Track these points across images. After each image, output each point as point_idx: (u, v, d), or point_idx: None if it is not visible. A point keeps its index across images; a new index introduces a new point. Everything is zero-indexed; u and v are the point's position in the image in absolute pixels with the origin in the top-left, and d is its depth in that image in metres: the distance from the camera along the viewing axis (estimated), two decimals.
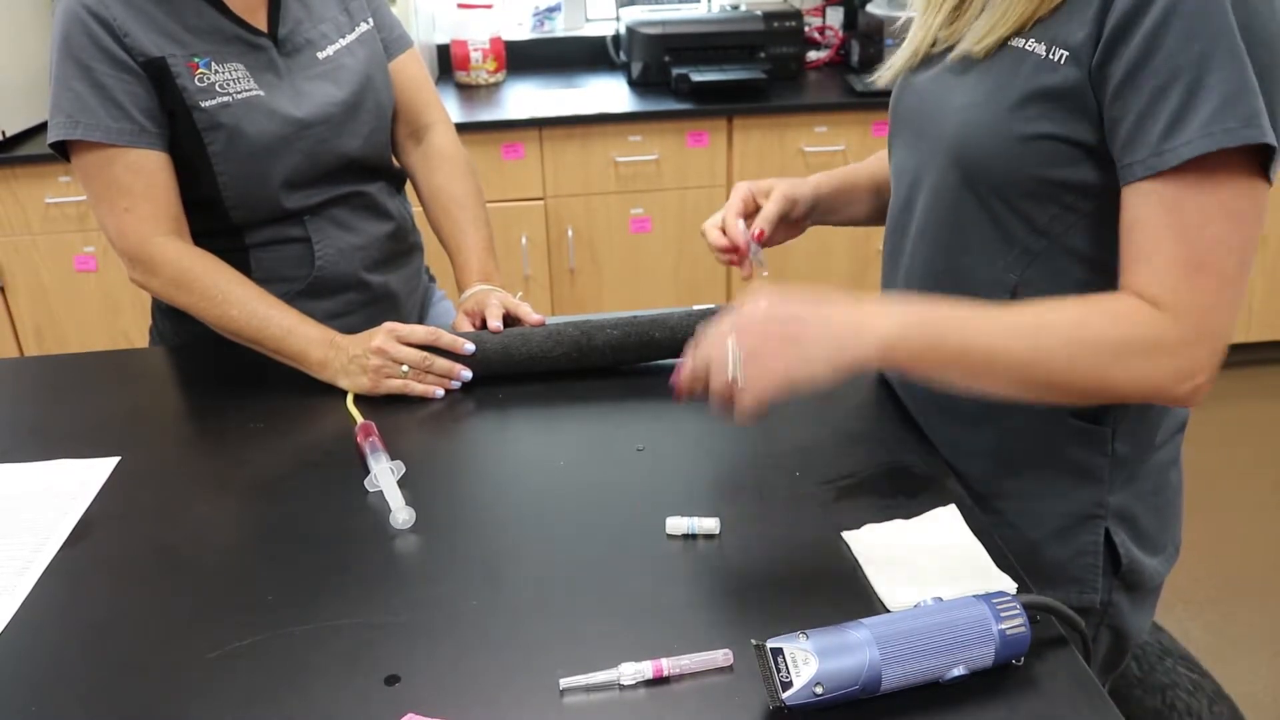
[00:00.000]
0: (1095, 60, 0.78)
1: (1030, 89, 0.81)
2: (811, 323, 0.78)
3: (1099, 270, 0.85)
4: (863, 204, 1.15)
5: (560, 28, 3.02)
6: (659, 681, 0.73)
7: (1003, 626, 0.70)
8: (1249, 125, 0.72)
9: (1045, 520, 0.96)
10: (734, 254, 1.08)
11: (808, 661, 0.67)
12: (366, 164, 1.32)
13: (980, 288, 0.91)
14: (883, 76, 1.01)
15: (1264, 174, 0.75)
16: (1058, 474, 0.94)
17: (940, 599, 0.73)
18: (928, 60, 0.95)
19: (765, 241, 1.08)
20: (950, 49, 0.91)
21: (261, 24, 1.22)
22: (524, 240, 2.62)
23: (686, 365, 0.81)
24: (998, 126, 0.84)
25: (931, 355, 0.78)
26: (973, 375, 0.79)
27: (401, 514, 0.92)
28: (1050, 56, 0.80)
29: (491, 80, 2.82)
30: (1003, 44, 0.85)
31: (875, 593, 0.80)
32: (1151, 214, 0.77)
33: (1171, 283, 0.76)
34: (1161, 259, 0.76)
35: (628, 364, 1.19)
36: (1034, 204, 0.85)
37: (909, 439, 1.02)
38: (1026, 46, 0.82)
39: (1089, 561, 0.95)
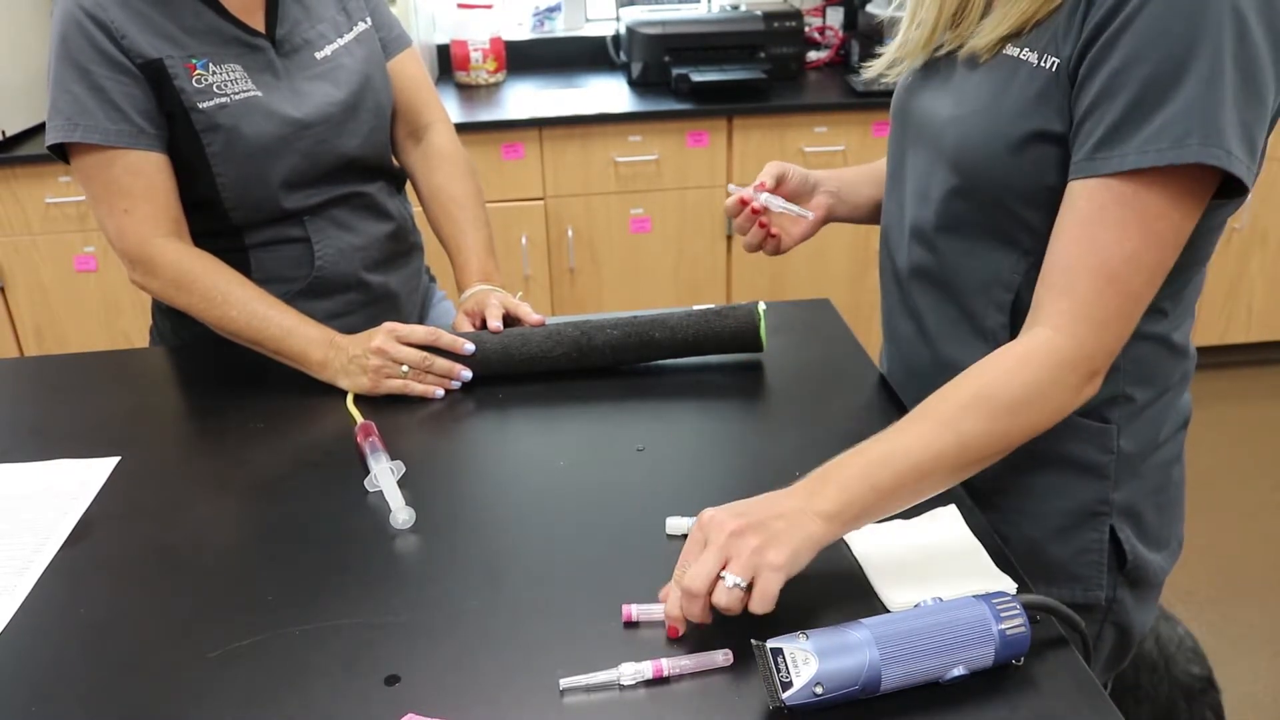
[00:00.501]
0: (1072, 64, 0.80)
1: (1025, 95, 0.83)
2: (768, 519, 0.75)
3: None
4: (872, 188, 1.15)
5: (560, 28, 3.02)
6: (659, 682, 0.73)
7: (1003, 626, 0.70)
8: (1180, 145, 0.74)
9: (1049, 518, 0.96)
10: (744, 211, 1.10)
11: (808, 661, 0.67)
12: (366, 164, 1.32)
13: (982, 290, 0.91)
14: (872, 71, 1.02)
15: (1198, 193, 0.77)
16: (1062, 471, 0.94)
17: (940, 599, 0.73)
18: (930, 66, 0.95)
19: (783, 239, 1.13)
20: (952, 53, 0.92)
21: (259, 25, 1.22)
22: (524, 240, 2.62)
23: (673, 609, 0.76)
24: (994, 135, 0.84)
25: (876, 501, 0.77)
26: (919, 492, 0.79)
27: (401, 514, 0.92)
28: (1042, 64, 0.82)
29: (491, 80, 2.82)
30: (1000, 52, 0.86)
31: (875, 593, 0.80)
32: (1078, 216, 0.79)
33: (1081, 296, 0.78)
34: (1078, 264, 0.79)
35: (627, 364, 1.19)
36: (1032, 208, 0.86)
37: None
38: (1021, 55, 0.84)
39: (1094, 559, 0.95)
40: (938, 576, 0.81)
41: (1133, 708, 1.29)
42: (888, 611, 0.78)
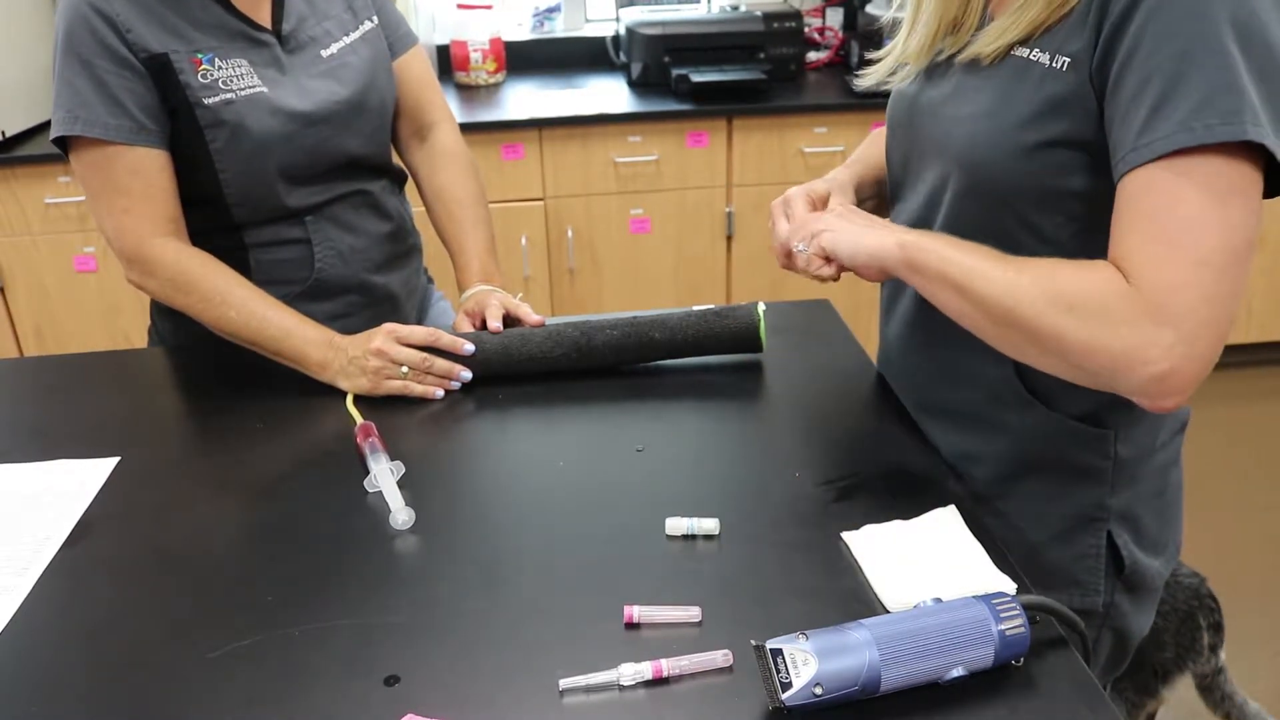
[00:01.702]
0: (1094, 64, 0.78)
1: (1037, 98, 0.82)
2: (849, 212, 0.96)
3: None
4: (869, 188, 1.14)
5: (560, 28, 3.02)
6: (659, 682, 0.73)
7: (1002, 627, 0.70)
8: (1227, 122, 0.71)
9: (1047, 522, 0.96)
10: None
11: (807, 662, 0.67)
12: (369, 163, 1.32)
13: None
14: (870, 79, 1.01)
15: (1256, 171, 0.74)
16: (1059, 476, 0.94)
17: (940, 600, 0.73)
18: (933, 68, 0.95)
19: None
20: (953, 56, 0.91)
21: (265, 20, 1.22)
22: (524, 241, 2.62)
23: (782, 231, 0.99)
24: (1005, 137, 0.84)
25: (935, 262, 0.85)
26: (956, 291, 0.83)
27: (401, 514, 0.91)
28: (1054, 65, 0.81)
29: (491, 81, 2.82)
30: (1008, 54, 0.85)
31: (875, 593, 0.80)
32: (1132, 197, 0.76)
33: (1143, 259, 0.74)
34: (1137, 235, 0.75)
35: (627, 364, 1.19)
36: (1040, 213, 0.86)
37: (909, 440, 1.02)
38: (1031, 56, 0.83)
39: (1091, 564, 0.95)
40: (937, 577, 0.81)
41: (1160, 623, 1.39)
42: (887, 612, 0.78)
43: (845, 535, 0.87)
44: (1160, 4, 0.73)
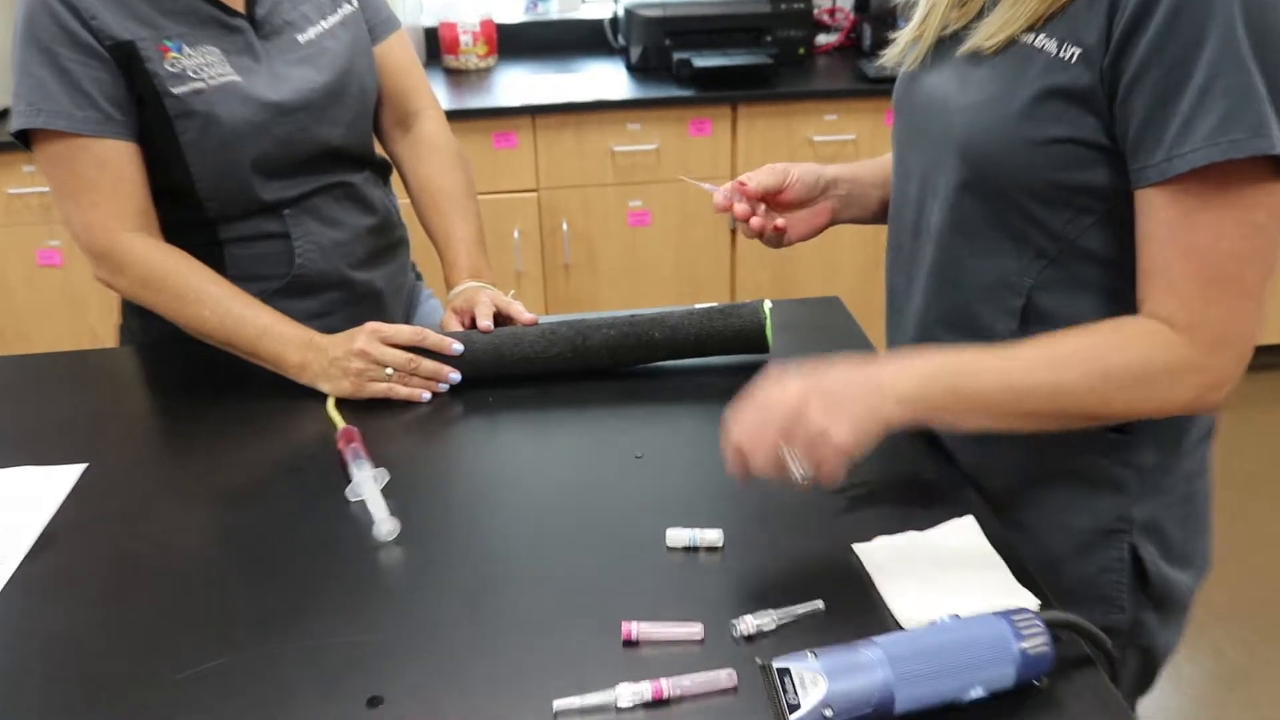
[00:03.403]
0: (1106, 60, 0.79)
1: (1041, 89, 0.82)
2: (840, 389, 0.79)
3: (1117, 273, 0.85)
4: (882, 190, 1.14)
5: (555, 10, 3.02)
6: (659, 704, 0.73)
7: (1024, 645, 0.70)
8: (1257, 135, 0.73)
9: (1067, 534, 0.95)
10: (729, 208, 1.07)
11: (816, 682, 0.67)
12: (349, 153, 1.32)
13: (993, 292, 0.91)
14: (890, 57, 1.01)
15: (1277, 181, 0.76)
16: (1079, 485, 0.94)
17: (957, 616, 0.73)
18: (937, 50, 0.95)
19: (787, 234, 1.09)
20: (958, 39, 0.91)
21: (239, 4, 1.22)
22: (516, 234, 2.62)
23: (733, 457, 0.82)
24: (1006, 128, 0.84)
25: (953, 404, 0.81)
26: (997, 418, 0.82)
27: (385, 525, 0.91)
28: (1061, 55, 0.81)
29: (482, 65, 2.82)
30: (1012, 40, 0.85)
31: (888, 609, 0.80)
32: (1163, 228, 0.78)
33: (1187, 301, 0.78)
34: (1176, 276, 0.78)
35: (626, 366, 1.19)
36: (1047, 208, 0.86)
37: (923, 447, 1.02)
38: (1036, 44, 0.83)
39: (1114, 578, 0.95)
40: (955, 591, 0.81)
41: None
42: (902, 629, 0.78)
43: (857, 547, 0.87)
44: (1179, 8, 0.74)
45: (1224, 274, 0.77)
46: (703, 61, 2.59)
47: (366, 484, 0.95)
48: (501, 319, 1.21)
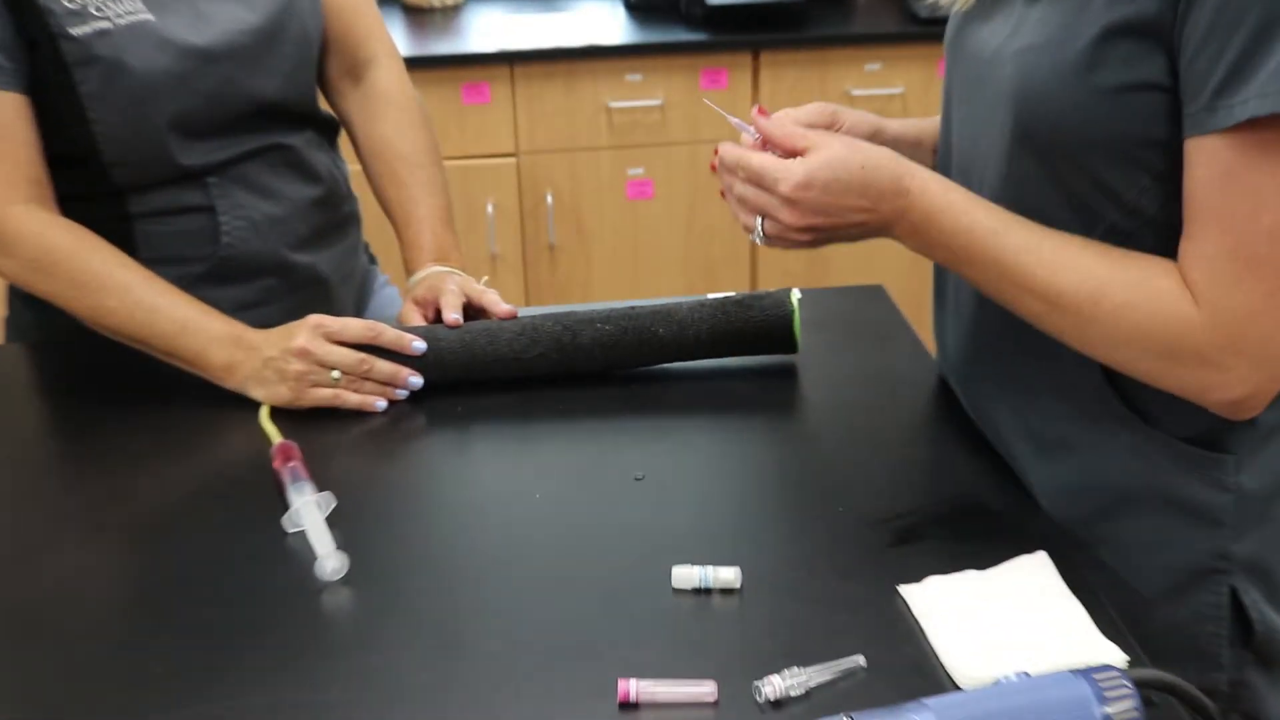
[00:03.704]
0: None
1: (1105, 25, 0.83)
2: (843, 226, 0.93)
3: None
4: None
5: None
6: None
7: (1109, 710, 0.70)
8: None
9: (1153, 575, 0.96)
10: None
11: None
12: (288, 109, 1.32)
13: None
14: None
15: None
16: (1167, 515, 0.94)
17: (1026, 674, 0.72)
18: None
19: None
20: None
21: None
22: (490, 208, 2.62)
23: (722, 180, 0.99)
24: (1065, 72, 0.85)
25: (950, 260, 0.92)
26: (984, 283, 0.91)
27: (330, 561, 0.91)
28: None
29: (449, 3, 2.83)
30: None
31: (942, 665, 0.80)
32: (1201, 188, 0.81)
33: (1214, 274, 0.81)
34: (1210, 245, 0.81)
35: (624, 368, 1.19)
36: (1118, 172, 0.86)
37: (983, 467, 1.02)
38: None
39: (1211, 628, 0.95)
40: (1023, 644, 0.81)
41: None
42: (959, 689, 0.78)
43: (903, 589, 0.87)
44: None
45: (1258, 256, 0.79)
46: None
47: (308, 511, 0.95)
48: (473, 311, 1.21)
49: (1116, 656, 0.80)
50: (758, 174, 0.93)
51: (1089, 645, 0.81)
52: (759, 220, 0.94)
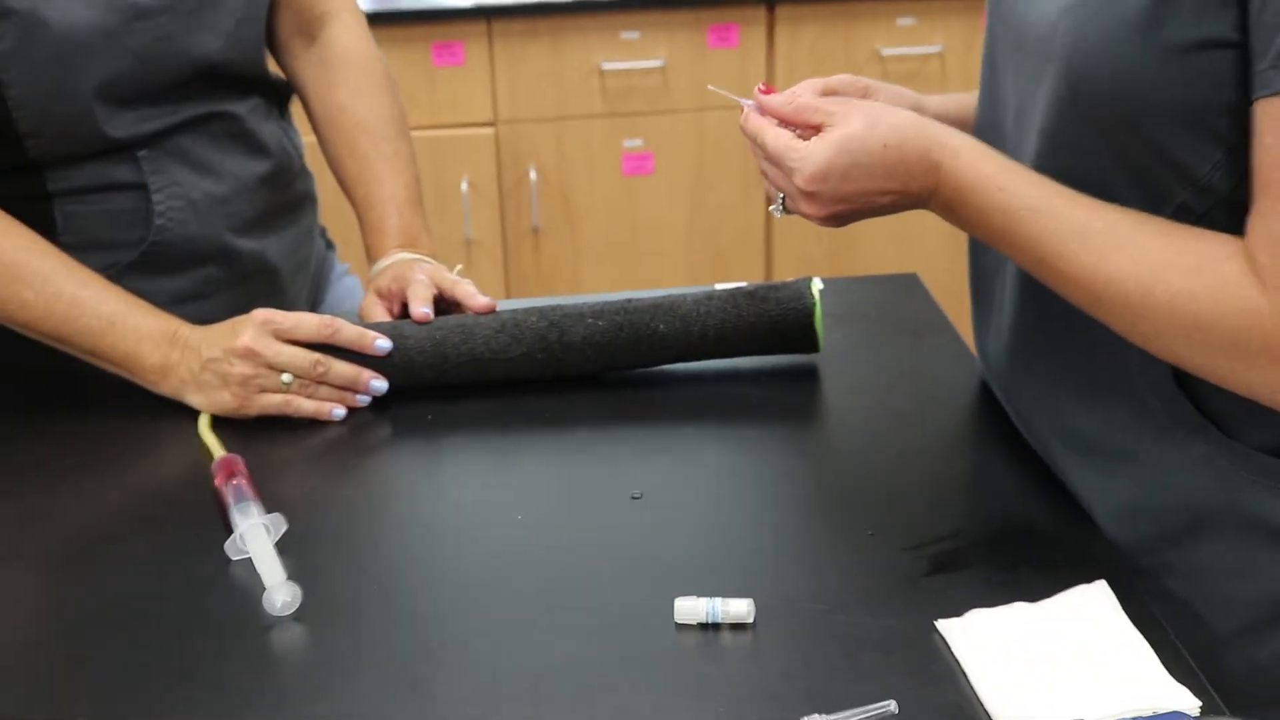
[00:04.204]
0: None
1: None
2: (869, 203, 0.94)
3: None
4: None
5: None
6: None
7: None
8: None
9: (1229, 608, 0.96)
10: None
11: None
12: (231, 72, 1.32)
13: None
14: None
15: None
16: (1246, 539, 0.94)
17: None
18: None
19: None
20: None
21: None
22: (465, 186, 2.62)
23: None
24: (1125, 29, 0.84)
25: (986, 235, 0.93)
26: (1026, 263, 0.92)
27: (280, 593, 0.91)
28: None
29: None
30: None
31: (986, 713, 0.80)
32: (1272, 153, 0.80)
33: (1275, 257, 0.80)
34: (1275, 220, 0.80)
35: (619, 370, 1.19)
36: (1186, 144, 0.86)
37: (1033, 483, 1.02)
38: None
39: None
40: (1081, 688, 0.81)
41: None
42: None
43: (942, 625, 0.87)
44: None
45: None
46: None
47: (254, 536, 0.95)
48: (445, 305, 1.21)
49: (1188, 702, 0.79)
50: (773, 156, 0.95)
51: (1156, 689, 0.81)
52: (780, 195, 0.98)
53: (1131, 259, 0.86)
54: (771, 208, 0.99)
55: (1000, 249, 0.94)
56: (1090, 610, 0.88)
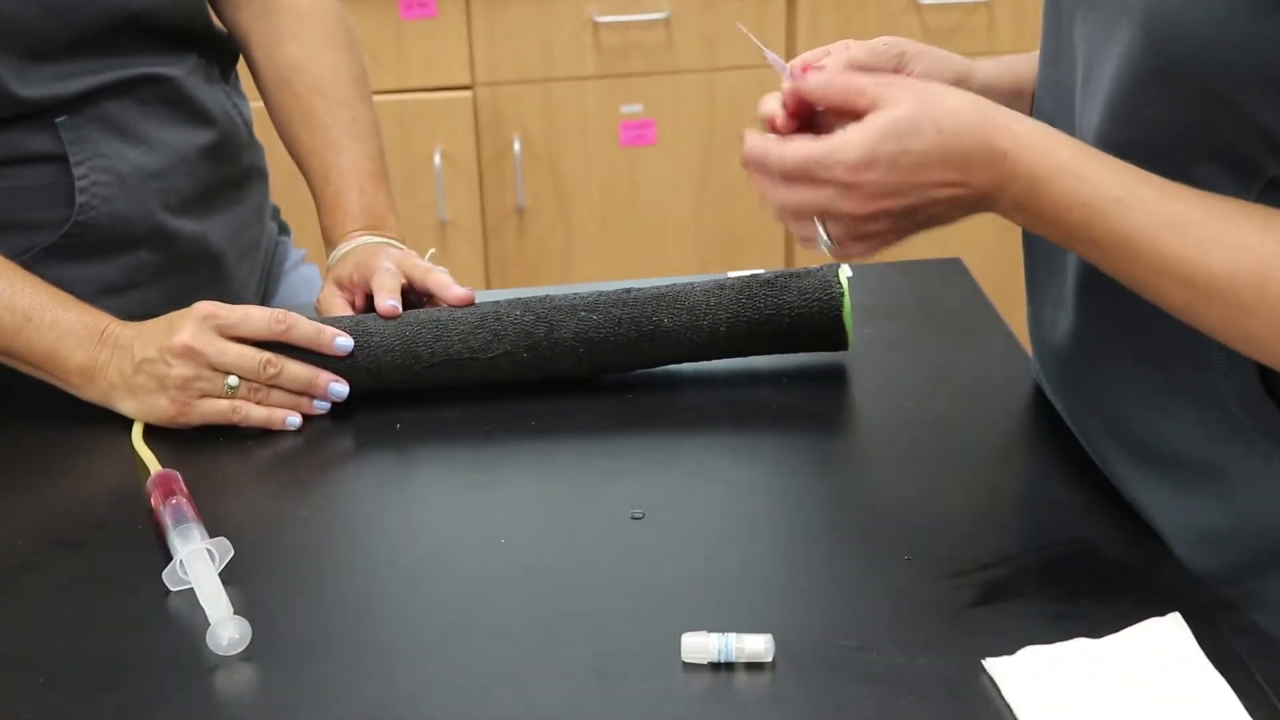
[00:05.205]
0: None
1: None
2: (921, 206, 0.92)
3: None
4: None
5: None
6: None
7: None
8: None
9: None
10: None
11: None
12: (164, 25, 1.32)
13: None
14: None
15: None
16: None
17: None
18: None
19: None
20: None
21: None
22: (438, 158, 2.62)
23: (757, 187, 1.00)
24: None
25: (1066, 237, 0.91)
26: (1116, 266, 0.90)
27: (226, 629, 0.91)
28: None
29: None
30: None
31: None
32: None
33: None
34: None
35: (616, 372, 1.19)
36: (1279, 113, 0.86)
37: (1096, 501, 1.02)
38: None
39: None
40: None
41: None
42: None
43: (990, 664, 0.87)
44: None
45: None
46: None
47: (196, 563, 0.95)
48: (416, 297, 1.22)
49: None
50: (801, 169, 0.93)
51: None
52: (820, 225, 0.94)
53: (1237, 253, 0.85)
54: (816, 246, 0.95)
55: (1077, 249, 0.93)
56: (1162, 647, 0.88)
